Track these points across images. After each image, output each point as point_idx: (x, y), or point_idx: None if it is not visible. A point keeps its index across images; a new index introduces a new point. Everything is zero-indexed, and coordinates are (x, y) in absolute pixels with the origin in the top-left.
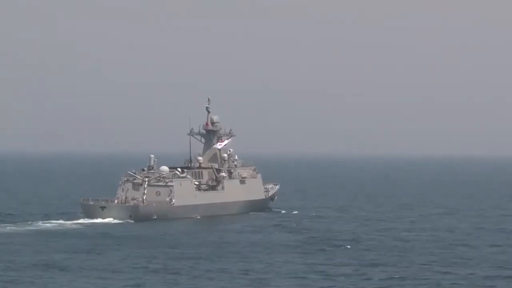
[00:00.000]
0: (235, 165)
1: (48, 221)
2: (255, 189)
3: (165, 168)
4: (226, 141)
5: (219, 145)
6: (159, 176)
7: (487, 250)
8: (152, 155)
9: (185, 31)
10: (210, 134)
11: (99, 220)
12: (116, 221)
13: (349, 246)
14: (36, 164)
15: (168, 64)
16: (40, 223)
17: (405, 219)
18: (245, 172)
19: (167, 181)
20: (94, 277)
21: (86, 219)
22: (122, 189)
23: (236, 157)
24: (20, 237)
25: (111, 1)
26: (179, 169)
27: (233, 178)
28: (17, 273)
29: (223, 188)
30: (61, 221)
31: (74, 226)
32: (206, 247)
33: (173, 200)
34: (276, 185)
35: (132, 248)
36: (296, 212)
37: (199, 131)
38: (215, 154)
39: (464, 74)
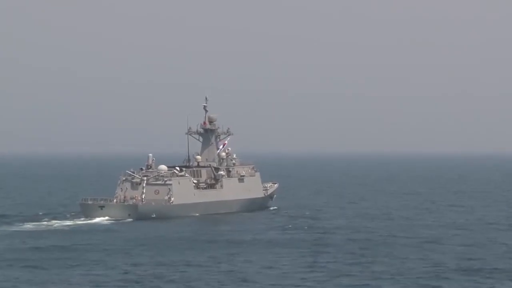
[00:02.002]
0: (234, 164)
1: (42, 222)
2: (254, 187)
3: (163, 167)
4: (226, 142)
5: (222, 149)
6: (158, 175)
7: (497, 247)
8: (150, 154)
9: (184, 31)
10: (208, 133)
11: (95, 220)
12: (106, 220)
13: (347, 245)
14: (37, 165)
15: (164, 64)
16: (38, 223)
17: (410, 216)
18: (244, 171)
19: (165, 179)
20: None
21: (85, 218)
22: (121, 188)
23: (234, 156)
24: (23, 237)
25: (111, 1)
26: (178, 168)
27: (232, 177)
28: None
29: (221, 186)
30: (57, 221)
31: (69, 226)
32: (200, 246)
33: (172, 199)
34: (275, 183)
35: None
36: (295, 210)
37: (197, 130)
38: (213, 153)
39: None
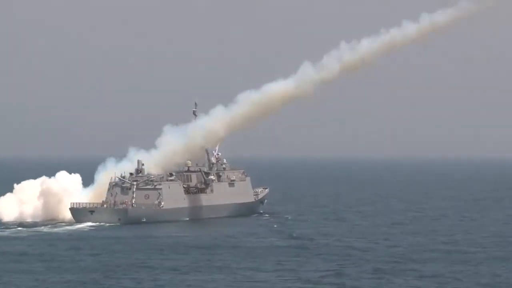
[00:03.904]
0: (224, 168)
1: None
2: (244, 192)
3: (153, 172)
4: (217, 147)
5: (215, 154)
6: (148, 180)
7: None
8: (140, 159)
9: (184, 30)
10: None
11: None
12: (89, 226)
13: (338, 253)
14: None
15: (162, 63)
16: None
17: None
18: (234, 175)
19: (155, 184)
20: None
21: (75, 223)
22: (111, 193)
23: (224, 161)
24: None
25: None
26: (168, 173)
27: (222, 181)
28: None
29: (212, 191)
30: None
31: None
32: (183, 251)
33: (162, 203)
34: (265, 188)
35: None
36: (285, 216)
37: None
38: (203, 158)
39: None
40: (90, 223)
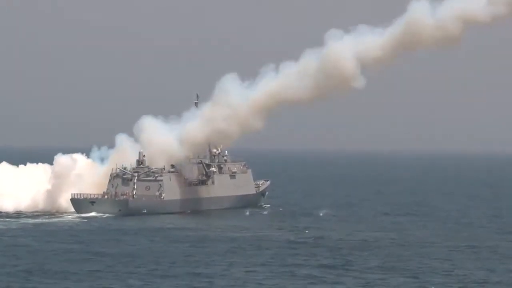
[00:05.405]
0: (225, 160)
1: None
2: (245, 184)
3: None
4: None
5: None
6: (149, 171)
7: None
8: (141, 150)
9: (183, 27)
10: None
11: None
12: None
13: (334, 249)
14: None
15: (154, 59)
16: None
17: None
18: (235, 167)
19: (156, 175)
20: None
21: (76, 214)
22: (112, 184)
23: (226, 153)
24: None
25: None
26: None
27: (223, 173)
28: None
29: (213, 182)
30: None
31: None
32: (183, 247)
33: (163, 195)
34: (267, 181)
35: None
36: (285, 209)
37: None
38: (204, 149)
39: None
40: (87, 214)
